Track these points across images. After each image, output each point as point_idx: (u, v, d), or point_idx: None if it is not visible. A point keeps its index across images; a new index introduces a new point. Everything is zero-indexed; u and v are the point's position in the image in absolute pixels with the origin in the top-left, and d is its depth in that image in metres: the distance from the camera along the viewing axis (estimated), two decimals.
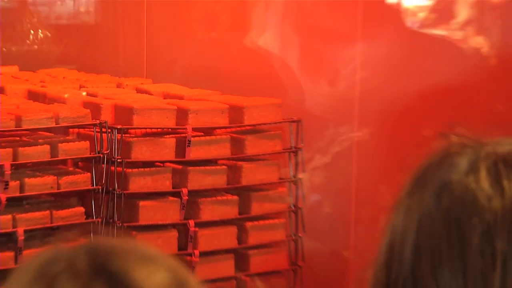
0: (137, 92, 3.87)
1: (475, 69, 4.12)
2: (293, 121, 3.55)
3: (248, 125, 3.51)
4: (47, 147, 3.27)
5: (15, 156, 3.22)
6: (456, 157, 1.39)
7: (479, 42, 4.17)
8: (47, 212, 3.24)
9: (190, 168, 3.41)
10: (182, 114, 3.43)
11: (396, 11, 4.46)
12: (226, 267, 3.58)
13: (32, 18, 5.47)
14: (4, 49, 5.29)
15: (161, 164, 3.44)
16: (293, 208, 3.56)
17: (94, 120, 3.36)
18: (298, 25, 4.47)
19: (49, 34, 5.40)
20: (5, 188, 3.15)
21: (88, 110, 3.42)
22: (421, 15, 4.35)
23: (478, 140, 1.41)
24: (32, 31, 5.38)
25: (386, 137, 3.91)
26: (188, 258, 3.41)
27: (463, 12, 4.26)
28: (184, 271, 1.17)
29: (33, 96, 3.79)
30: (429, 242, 1.38)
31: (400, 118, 4.01)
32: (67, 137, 3.40)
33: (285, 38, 4.46)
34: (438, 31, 4.32)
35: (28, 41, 5.33)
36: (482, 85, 3.97)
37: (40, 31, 5.39)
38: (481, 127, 1.61)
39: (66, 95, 3.70)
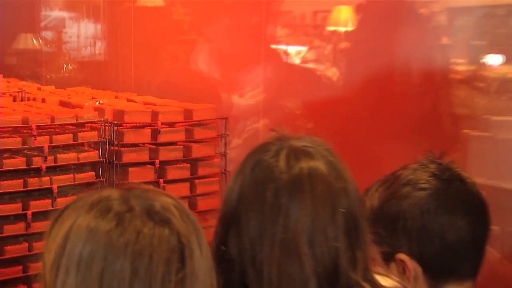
0: (127, 101, 3.91)
1: (330, 91, 4.13)
2: (223, 118, 3.62)
3: (196, 121, 3.57)
4: (70, 135, 3.32)
5: (51, 141, 3.24)
6: (269, 146, 1.54)
7: (334, 72, 4.22)
8: (71, 175, 3.28)
9: (160, 147, 3.47)
10: (155, 114, 3.48)
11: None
12: None
13: (65, 57, 5.57)
14: (47, 76, 5.43)
15: (142, 145, 3.50)
16: (223, 171, 3.63)
17: (100, 118, 3.42)
18: (223, 55, 4.50)
19: (75, 66, 5.51)
20: (44, 161, 3.19)
21: (97, 112, 3.48)
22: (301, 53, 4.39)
23: (286, 136, 1.57)
24: (64, 65, 5.49)
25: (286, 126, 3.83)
26: None
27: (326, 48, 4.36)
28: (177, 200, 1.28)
29: (63, 104, 3.81)
30: (245, 195, 1.50)
31: (288, 116, 3.97)
32: (84, 129, 3.43)
33: (213, 65, 4.47)
34: (309, 65, 4.38)
35: (62, 70, 5.44)
36: (333, 106, 3.90)
37: (69, 64, 5.49)
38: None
39: (86, 104, 3.74)
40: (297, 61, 4.31)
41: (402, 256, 1.83)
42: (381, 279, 1.59)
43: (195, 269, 1.18)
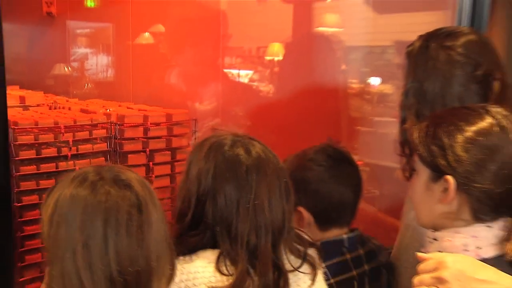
0: (127, 108, 3.87)
1: (265, 101, 4.18)
2: (193, 119, 3.61)
3: (174, 121, 3.53)
4: (87, 132, 3.32)
5: (74, 136, 3.24)
6: (224, 140, 1.50)
7: (270, 88, 4.23)
8: (88, 160, 3.27)
9: (149, 140, 3.44)
10: (146, 117, 3.45)
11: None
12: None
13: (86, 79, 5.54)
14: (74, 92, 5.41)
15: (137, 139, 3.45)
16: None
17: (108, 121, 3.41)
18: (192, 76, 4.45)
19: (92, 85, 5.49)
20: (70, 150, 3.19)
21: (105, 116, 3.46)
22: (249, 75, 4.36)
23: (232, 132, 1.54)
24: (85, 84, 5.47)
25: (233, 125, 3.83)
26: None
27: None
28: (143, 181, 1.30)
29: (83, 111, 3.78)
30: (220, 175, 1.45)
31: (235, 118, 3.98)
32: (97, 128, 3.39)
33: (184, 83, 4.44)
34: (254, 83, 4.33)
35: (83, 88, 5.42)
36: (267, 111, 3.96)
37: (88, 84, 5.47)
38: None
39: (101, 110, 3.71)
40: (245, 80, 4.29)
41: (300, 208, 1.86)
42: None
43: (149, 218, 1.21)
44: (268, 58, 4.12)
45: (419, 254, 1.24)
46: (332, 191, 1.88)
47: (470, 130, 1.24)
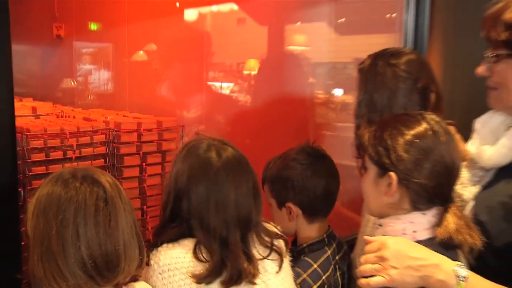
0: (123, 116, 3.82)
1: (243, 109, 4.15)
2: (181, 125, 3.57)
3: (164, 127, 3.51)
4: (89, 138, 3.26)
5: (77, 141, 3.18)
6: (201, 144, 1.50)
7: (247, 98, 4.26)
8: (90, 162, 3.20)
9: (143, 144, 3.38)
10: (139, 124, 3.40)
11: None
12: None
13: (89, 91, 5.51)
14: (79, 102, 5.38)
15: (132, 143, 3.38)
16: None
17: (107, 127, 3.35)
18: (180, 88, 4.42)
19: (94, 96, 5.47)
20: (74, 153, 3.13)
21: (105, 123, 3.39)
22: (230, 87, 4.43)
23: (210, 137, 1.53)
24: (89, 96, 5.45)
25: (215, 130, 3.79)
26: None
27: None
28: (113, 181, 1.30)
29: (85, 119, 3.72)
30: (194, 175, 1.44)
31: (217, 124, 3.95)
32: (97, 134, 3.33)
33: (173, 94, 4.40)
34: (233, 94, 4.36)
35: (87, 99, 5.40)
36: (245, 118, 3.94)
37: (91, 95, 5.45)
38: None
39: (102, 118, 3.65)
40: (227, 92, 4.28)
41: (289, 204, 1.87)
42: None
43: (115, 210, 1.23)
44: (245, 72, 4.08)
45: (366, 237, 1.29)
46: (316, 185, 1.89)
47: (409, 134, 1.31)
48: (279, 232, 1.59)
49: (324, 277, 1.82)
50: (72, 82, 5.82)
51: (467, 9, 1.43)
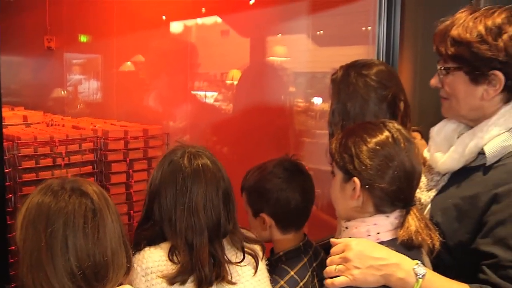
0: (111, 124, 3.80)
1: (226, 117, 4.14)
2: (166, 133, 3.57)
3: (150, 135, 3.52)
4: (77, 145, 3.27)
5: (66, 148, 3.19)
6: (177, 151, 1.50)
7: (230, 106, 4.27)
8: (78, 168, 3.22)
9: (130, 151, 3.41)
10: (126, 132, 3.41)
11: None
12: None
13: (79, 100, 5.49)
14: (68, 111, 5.31)
15: (119, 150, 3.39)
16: None
17: (95, 135, 3.37)
18: (165, 97, 4.40)
19: (83, 105, 5.44)
20: (63, 160, 3.12)
21: (93, 132, 3.40)
22: (214, 95, 4.44)
23: (187, 145, 1.53)
24: (78, 104, 5.41)
25: (199, 138, 3.75)
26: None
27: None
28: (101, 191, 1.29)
29: (74, 127, 3.74)
30: (164, 180, 1.46)
31: (201, 132, 3.89)
32: (86, 141, 3.35)
33: (159, 103, 4.38)
34: (217, 102, 4.39)
35: (76, 108, 5.36)
36: (228, 125, 3.92)
37: (80, 104, 5.43)
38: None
39: (90, 127, 3.63)
40: (211, 101, 4.29)
41: (263, 214, 1.86)
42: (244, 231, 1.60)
43: (104, 221, 1.22)
44: (228, 82, 4.10)
45: (332, 239, 1.30)
46: (289, 198, 1.87)
47: (372, 142, 1.34)
48: (256, 238, 1.59)
49: (301, 284, 1.80)
50: (62, 92, 5.81)
51: (434, 21, 1.45)
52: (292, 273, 1.83)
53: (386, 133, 1.33)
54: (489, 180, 1.34)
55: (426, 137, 1.73)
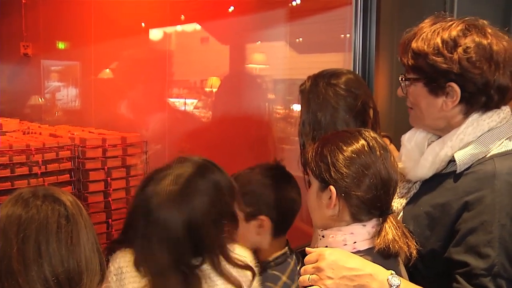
0: (89, 132, 3.80)
1: (205, 124, 4.14)
2: (144, 141, 3.59)
3: (129, 143, 3.51)
4: (54, 153, 3.26)
5: (43, 157, 3.18)
6: (163, 171, 1.44)
7: (209, 114, 4.27)
8: (55, 177, 3.24)
9: (108, 159, 3.40)
10: (104, 140, 3.40)
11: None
12: None
13: (57, 107, 5.47)
14: (46, 118, 5.31)
15: (97, 158, 3.39)
16: (145, 172, 3.52)
17: (72, 143, 3.37)
18: (142, 105, 4.41)
19: (61, 113, 5.41)
20: (39, 169, 3.14)
21: (70, 139, 3.41)
22: (194, 103, 4.46)
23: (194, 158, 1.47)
24: (56, 112, 5.39)
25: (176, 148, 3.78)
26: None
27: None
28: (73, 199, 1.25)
29: (52, 135, 3.72)
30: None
31: (177, 139, 3.96)
32: (63, 150, 3.34)
33: (138, 111, 4.37)
34: (197, 110, 4.39)
35: (54, 115, 5.34)
36: (206, 132, 3.93)
37: (58, 112, 5.40)
38: None
39: (68, 135, 3.62)
40: (191, 108, 4.29)
41: (262, 216, 1.80)
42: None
43: (77, 226, 1.19)
44: (207, 89, 4.12)
45: (307, 248, 1.30)
46: (294, 200, 1.86)
47: (348, 150, 1.32)
48: (248, 263, 1.50)
49: (293, 287, 1.80)
50: (39, 99, 5.78)
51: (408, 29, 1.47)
52: (284, 278, 1.82)
53: (362, 142, 1.32)
54: (459, 187, 1.35)
55: (396, 143, 1.75)
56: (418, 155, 1.50)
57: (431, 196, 1.41)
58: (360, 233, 1.28)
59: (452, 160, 1.40)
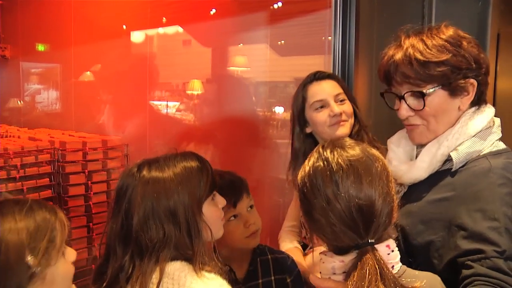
0: (69, 135, 3.79)
1: (188, 127, 4.12)
2: (126, 144, 3.57)
3: (110, 146, 3.49)
4: (33, 157, 3.25)
5: (21, 161, 3.19)
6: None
7: (191, 116, 4.26)
8: (34, 181, 3.24)
9: (88, 162, 3.38)
10: (84, 143, 3.39)
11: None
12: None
13: (36, 110, 5.40)
14: (26, 122, 5.27)
15: (77, 161, 3.38)
16: None
17: (52, 146, 3.36)
18: (124, 108, 4.36)
19: (40, 116, 5.37)
20: (18, 173, 3.15)
21: (50, 143, 3.40)
22: (176, 105, 4.42)
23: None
24: (35, 115, 5.35)
25: (158, 150, 3.75)
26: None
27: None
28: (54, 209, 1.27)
29: (31, 138, 3.70)
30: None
31: (161, 143, 4.03)
32: (42, 153, 3.33)
33: (119, 115, 4.35)
34: (179, 112, 4.34)
35: (33, 119, 5.28)
36: (189, 135, 3.94)
37: (38, 115, 5.35)
38: None
39: (47, 138, 3.62)
40: (173, 111, 4.28)
41: None
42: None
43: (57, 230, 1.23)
44: (189, 92, 4.12)
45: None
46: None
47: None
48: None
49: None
50: (18, 102, 5.71)
51: (388, 32, 1.50)
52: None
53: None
54: (456, 183, 1.37)
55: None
56: (408, 158, 1.53)
57: (425, 193, 1.42)
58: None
59: (447, 159, 1.43)
